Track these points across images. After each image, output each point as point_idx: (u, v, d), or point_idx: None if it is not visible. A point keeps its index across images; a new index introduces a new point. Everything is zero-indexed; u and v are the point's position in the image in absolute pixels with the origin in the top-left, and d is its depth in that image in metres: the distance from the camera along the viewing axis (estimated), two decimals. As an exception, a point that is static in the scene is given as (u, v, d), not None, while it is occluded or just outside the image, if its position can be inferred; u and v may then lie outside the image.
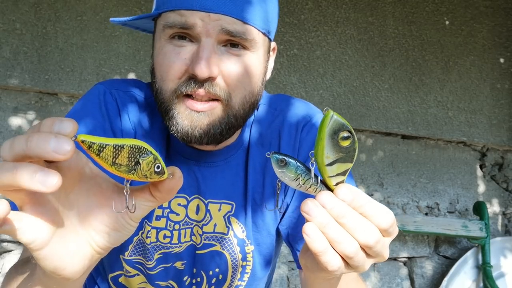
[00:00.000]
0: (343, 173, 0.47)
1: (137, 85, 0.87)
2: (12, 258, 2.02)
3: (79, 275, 0.46)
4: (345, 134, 0.45)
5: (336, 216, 0.46)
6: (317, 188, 0.48)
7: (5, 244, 2.02)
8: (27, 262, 0.64)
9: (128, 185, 0.43)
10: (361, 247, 0.47)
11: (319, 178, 0.48)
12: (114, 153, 0.40)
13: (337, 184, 0.47)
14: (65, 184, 0.42)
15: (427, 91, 2.38)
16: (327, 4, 2.29)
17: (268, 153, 0.47)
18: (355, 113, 2.29)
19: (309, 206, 0.46)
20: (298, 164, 0.47)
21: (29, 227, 0.41)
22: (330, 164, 0.46)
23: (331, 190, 0.48)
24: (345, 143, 0.45)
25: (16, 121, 2.04)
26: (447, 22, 2.43)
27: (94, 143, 0.40)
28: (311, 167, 0.47)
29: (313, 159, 0.47)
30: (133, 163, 0.41)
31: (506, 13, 2.50)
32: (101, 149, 0.40)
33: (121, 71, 2.08)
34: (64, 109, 2.07)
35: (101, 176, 0.47)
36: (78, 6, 2.05)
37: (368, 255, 0.48)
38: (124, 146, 0.41)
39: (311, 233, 0.46)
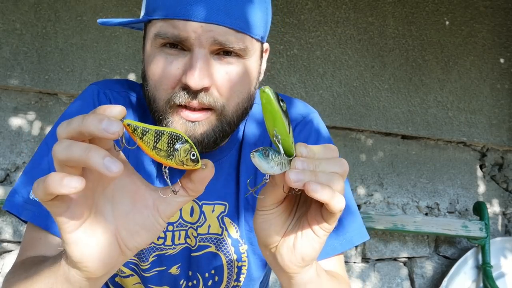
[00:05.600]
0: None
1: (131, 85, 0.88)
2: (12, 258, 2.02)
3: (101, 273, 0.48)
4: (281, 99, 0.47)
5: (315, 168, 0.49)
6: (286, 161, 0.49)
7: (5, 244, 2.02)
8: (37, 264, 0.63)
9: (167, 171, 0.47)
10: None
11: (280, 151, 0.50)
12: (155, 138, 0.44)
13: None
14: (103, 178, 0.46)
15: (427, 91, 2.38)
16: (327, 4, 2.29)
17: (252, 153, 0.47)
18: (355, 113, 2.29)
19: (293, 174, 0.47)
20: (272, 149, 0.48)
21: (69, 206, 0.44)
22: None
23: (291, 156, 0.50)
24: (285, 106, 0.47)
25: (16, 121, 2.04)
26: (447, 22, 2.43)
27: (138, 127, 0.43)
28: (278, 144, 0.48)
29: (278, 136, 0.48)
30: (171, 149, 0.44)
31: (506, 13, 2.50)
32: (144, 133, 0.43)
33: (121, 71, 2.08)
34: (64, 109, 2.07)
35: (136, 175, 0.49)
36: (78, 6, 2.05)
37: None
38: (164, 132, 0.44)
39: (315, 188, 0.47)
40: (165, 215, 0.49)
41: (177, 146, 0.44)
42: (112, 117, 0.42)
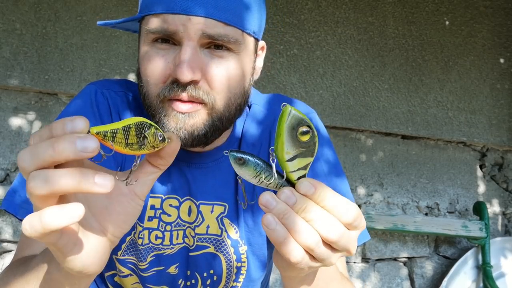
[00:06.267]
0: (304, 168, 0.47)
1: (128, 85, 0.89)
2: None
3: (100, 270, 0.48)
4: (304, 129, 0.45)
5: (297, 210, 0.46)
6: (278, 184, 0.47)
7: (5, 244, 2.02)
8: (26, 262, 0.64)
9: (138, 161, 0.47)
10: (324, 241, 0.47)
11: (280, 174, 0.48)
12: (125, 135, 0.43)
13: (299, 178, 0.47)
14: None
15: (427, 91, 2.38)
16: (327, 4, 2.29)
17: (226, 151, 0.47)
18: (355, 113, 2.29)
19: (266, 199, 0.46)
20: (257, 161, 0.46)
21: (62, 231, 0.43)
22: (291, 160, 0.46)
23: (293, 185, 0.47)
24: (305, 138, 0.45)
25: (16, 121, 2.04)
26: (447, 22, 2.43)
27: (107, 132, 0.41)
28: (272, 163, 0.47)
29: (274, 154, 0.47)
30: (141, 139, 0.44)
31: (506, 13, 2.50)
32: (114, 135, 0.42)
33: (121, 71, 2.08)
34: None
35: (102, 168, 0.48)
36: (78, 6, 2.05)
37: (333, 249, 0.48)
38: (131, 126, 0.43)
39: (269, 223, 0.45)
40: (143, 195, 0.49)
41: (146, 133, 0.44)
42: (81, 133, 0.39)
